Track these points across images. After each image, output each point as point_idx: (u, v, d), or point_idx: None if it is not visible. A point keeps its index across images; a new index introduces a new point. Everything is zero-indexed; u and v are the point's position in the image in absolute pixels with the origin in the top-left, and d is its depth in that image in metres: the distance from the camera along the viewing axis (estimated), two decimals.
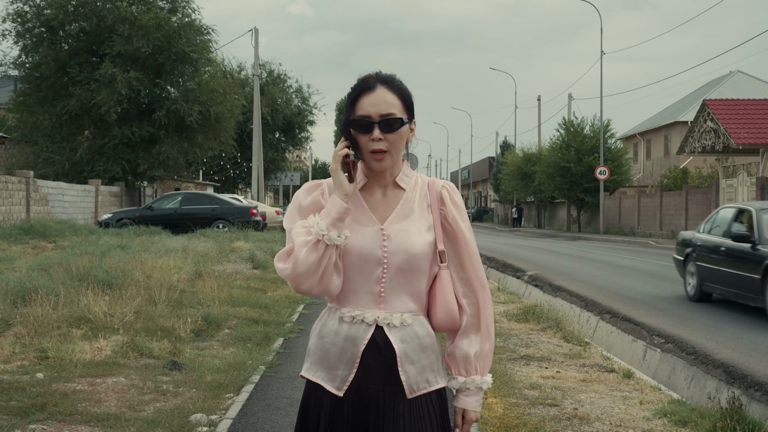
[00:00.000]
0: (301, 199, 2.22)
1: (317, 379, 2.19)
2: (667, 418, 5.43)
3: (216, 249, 15.37)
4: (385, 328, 2.15)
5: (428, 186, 2.26)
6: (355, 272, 2.16)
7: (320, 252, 2.07)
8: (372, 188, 2.23)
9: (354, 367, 2.16)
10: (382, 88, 2.16)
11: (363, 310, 2.16)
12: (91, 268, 9.91)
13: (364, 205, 2.21)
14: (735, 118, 25.91)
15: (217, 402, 5.46)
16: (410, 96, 2.22)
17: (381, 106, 2.14)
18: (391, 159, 2.17)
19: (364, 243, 2.15)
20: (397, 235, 2.16)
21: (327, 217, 2.09)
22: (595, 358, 7.58)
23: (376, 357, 2.15)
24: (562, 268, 16.58)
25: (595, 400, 5.94)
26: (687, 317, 9.61)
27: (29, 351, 6.55)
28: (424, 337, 2.19)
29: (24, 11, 30.15)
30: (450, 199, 2.25)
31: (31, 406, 5.09)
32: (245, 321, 8.66)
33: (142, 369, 6.30)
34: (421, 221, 2.20)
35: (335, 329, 2.18)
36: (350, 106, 2.18)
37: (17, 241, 16.83)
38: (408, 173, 2.26)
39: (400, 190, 2.23)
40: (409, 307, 2.18)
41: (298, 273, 2.08)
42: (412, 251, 2.15)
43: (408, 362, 2.16)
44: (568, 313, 10.84)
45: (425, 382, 2.19)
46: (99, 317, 7.68)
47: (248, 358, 6.77)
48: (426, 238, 2.18)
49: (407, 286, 2.17)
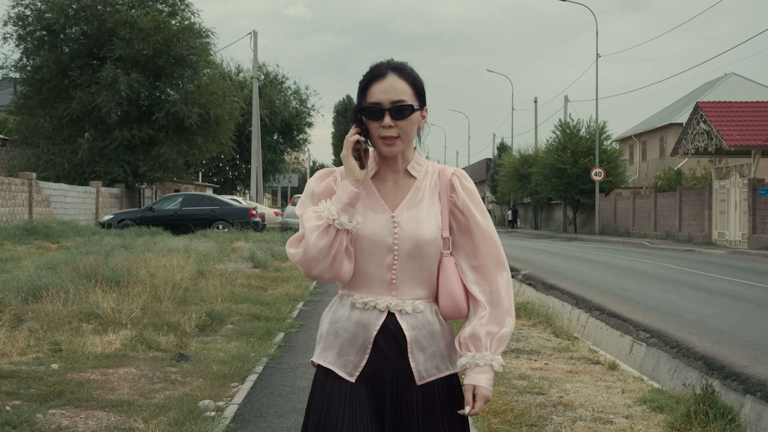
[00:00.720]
0: (313, 186, 2.23)
1: (329, 364, 2.20)
2: (646, 405, 5.78)
3: (217, 249, 15.72)
4: (397, 315, 2.17)
5: (439, 174, 2.27)
6: (366, 259, 2.17)
7: (331, 236, 2.09)
8: (384, 176, 2.24)
9: (366, 353, 2.17)
10: (393, 75, 2.17)
11: (375, 297, 2.18)
12: (98, 266, 10.24)
13: (376, 192, 2.22)
14: (727, 121, 26.30)
15: (224, 390, 5.80)
16: (422, 83, 2.22)
17: (392, 93, 2.15)
18: (402, 145, 2.18)
19: (375, 230, 2.16)
20: (407, 222, 2.17)
21: (338, 202, 2.11)
22: (582, 352, 7.93)
23: (388, 343, 2.17)
24: (555, 267, 16.93)
25: (580, 390, 6.28)
26: (673, 314, 9.96)
27: (43, 344, 6.88)
28: (435, 324, 2.21)
29: (25, 15, 30.51)
30: (461, 185, 2.25)
31: (49, 393, 5.43)
32: (247, 317, 9.00)
33: (150, 361, 6.64)
34: (432, 209, 2.21)
35: (347, 315, 2.20)
36: (361, 93, 2.19)
37: (21, 242, 17.16)
38: (420, 162, 2.27)
39: (411, 179, 2.24)
40: (420, 294, 2.20)
41: (309, 257, 2.09)
42: (423, 238, 2.16)
43: (418, 349, 2.17)
44: (559, 310, 11.18)
45: (435, 368, 2.20)
46: (107, 313, 8.02)
47: (251, 350, 7.11)
48: (436, 226, 2.20)
49: (418, 273, 2.19)
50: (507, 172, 51.41)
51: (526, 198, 52.83)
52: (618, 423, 5.34)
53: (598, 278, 14.57)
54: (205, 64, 32.45)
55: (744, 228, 25.53)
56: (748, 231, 25.12)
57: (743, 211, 25.58)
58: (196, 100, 30.81)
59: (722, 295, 11.84)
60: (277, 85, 50.03)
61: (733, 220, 26.38)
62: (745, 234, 25.30)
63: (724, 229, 27.13)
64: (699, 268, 16.96)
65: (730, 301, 11.01)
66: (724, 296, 11.65)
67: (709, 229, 28.17)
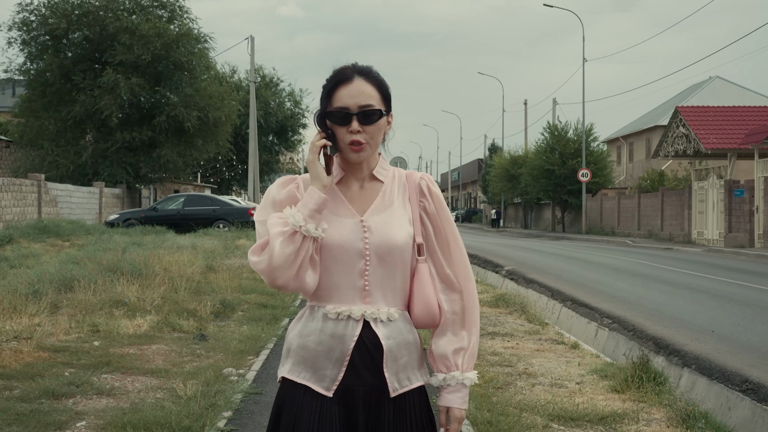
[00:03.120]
0: (274, 193, 2.15)
1: (302, 380, 2.11)
2: (596, 374, 6.92)
3: (222, 246, 16.86)
4: (372, 324, 2.10)
5: (406, 178, 2.22)
6: (336, 266, 2.09)
7: (297, 244, 2.01)
8: (349, 181, 2.18)
9: (343, 366, 2.09)
10: (360, 79, 2.12)
11: (349, 306, 2.09)
12: (118, 261, 11.34)
13: (342, 197, 2.16)
14: (705, 124, 27.55)
15: (242, 361, 6.91)
16: (388, 88, 2.18)
17: (359, 97, 2.09)
18: (370, 150, 2.12)
19: (345, 235, 2.09)
20: (378, 226, 2.11)
21: (304, 208, 2.04)
22: (550, 335, 9.08)
23: (363, 354, 2.10)
24: (537, 264, 18.06)
25: (543, 363, 7.41)
26: (636, 303, 11.10)
27: (83, 326, 7.98)
28: (407, 333, 2.15)
29: (30, 20, 31.49)
30: (429, 190, 2.21)
31: (98, 363, 6.53)
32: (255, 305, 10.12)
33: (176, 340, 7.75)
34: (402, 213, 2.16)
35: (320, 327, 2.10)
36: (326, 97, 2.12)
37: (35, 240, 18.22)
38: (385, 166, 2.22)
39: (378, 183, 2.19)
40: (394, 302, 2.14)
41: (273, 266, 2.01)
42: (395, 243, 2.11)
43: (392, 359, 2.11)
44: (537, 302, 12.31)
45: (407, 379, 2.14)
46: (133, 301, 9.13)
47: (261, 332, 8.22)
48: (407, 230, 2.14)
49: (390, 280, 2.12)
50: (498, 173, 52.54)
51: (516, 198, 54.02)
52: (570, 387, 6.48)
53: (575, 273, 15.70)
54: (204, 69, 33.51)
55: (721, 227, 26.75)
56: (725, 230, 26.35)
57: (720, 211, 26.80)
58: (195, 104, 31.88)
59: (684, 287, 13.00)
60: (273, 87, 51.17)
61: (711, 219, 27.61)
62: (722, 233, 26.52)
63: (702, 228, 28.36)
64: (671, 264, 18.14)
65: (689, 293, 12.16)
66: (685, 289, 12.81)
67: (689, 228, 29.40)
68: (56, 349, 6.97)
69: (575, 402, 5.86)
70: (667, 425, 5.37)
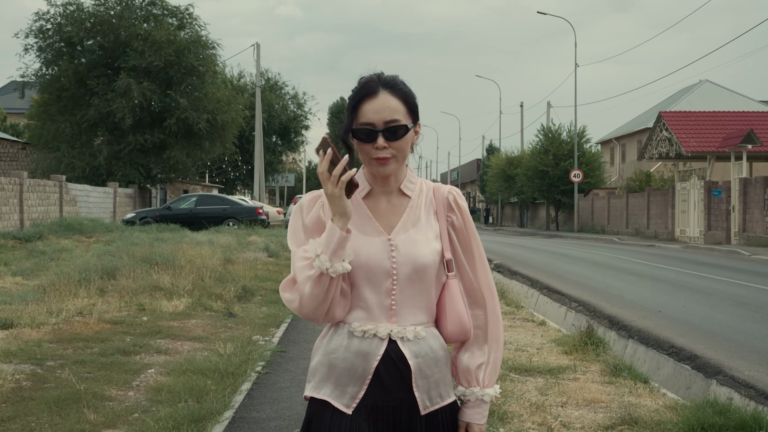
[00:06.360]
0: (303, 215, 2.13)
1: (323, 396, 2.10)
2: (554, 343, 8.51)
3: (236, 242, 18.50)
4: (399, 342, 2.08)
5: (433, 192, 2.19)
6: (363, 285, 2.08)
7: (325, 285, 2.00)
8: (376, 196, 2.14)
9: (365, 384, 2.08)
10: (385, 93, 2.07)
11: (375, 324, 2.07)
12: (150, 254, 12.96)
13: (369, 214, 2.12)
14: (686, 129, 29.20)
15: (266, 332, 8.52)
16: (414, 98, 2.13)
17: (385, 113, 2.05)
18: (396, 164, 2.09)
19: (372, 254, 2.07)
20: (405, 244, 2.08)
21: (327, 249, 1.99)
22: (523, 315, 10.68)
23: (391, 372, 2.08)
24: (525, 259, 19.65)
25: (513, 335, 9.00)
26: (602, 291, 12.69)
27: (131, 305, 9.58)
28: (438, 350, 2.13)
29: (46, 28, 33.06)
30: (456, 204, 2.18)
31: (150, 332, 8.13)
32: (271, 291, 11.71)
33: (209, 317, 9.35)
34: (429, 229, 2.13)
35: (345, 344, 2.09)
36: (352, 111, 2.09)
37: (62, 236, 19.84)
38: (412, 179, 2.18)
39: (406, 198, 2.15)
40: (420, 319, 2.11)
41: (305, 308, 2.04)
42: (422, 261, 2.08)
43: (422, 377, 2.09)
44: (518, 290, 13.91)
45: (438, 396, 2.13)
46: (168, 287, 10.73)
47: (279, 312, 9.82)
48: (434, 247, 2.11)
49: (418, 298, 2.10)
50: (494, 173, 54.06)
51: (512, 198, 55.64)
52: (530, 351, 8.07)
53: (557, 266, 17.30)
54: (213, 74, 35.10)
55: (701, 225, 28.37)
56: (704, 228, 27.97)
57: (701, 210, 28.42)
58: (204, 107, 33.47)
59: (648, 278, 14.61)
60: (277, 90, 52.81)
61: (693, 218, 29.22)
62: (702, 231, 28.13)
63: (685, 226, 29.98)
64: (647, 259, 19.75)
65: (651, 282, 13.76)
66: (649, 279, 14.42)
67: (673, 227, 31.03)
68: (115, 322, 8.58)
69: (532, 360, 7.45)
70: (600, 375, 6.96)
